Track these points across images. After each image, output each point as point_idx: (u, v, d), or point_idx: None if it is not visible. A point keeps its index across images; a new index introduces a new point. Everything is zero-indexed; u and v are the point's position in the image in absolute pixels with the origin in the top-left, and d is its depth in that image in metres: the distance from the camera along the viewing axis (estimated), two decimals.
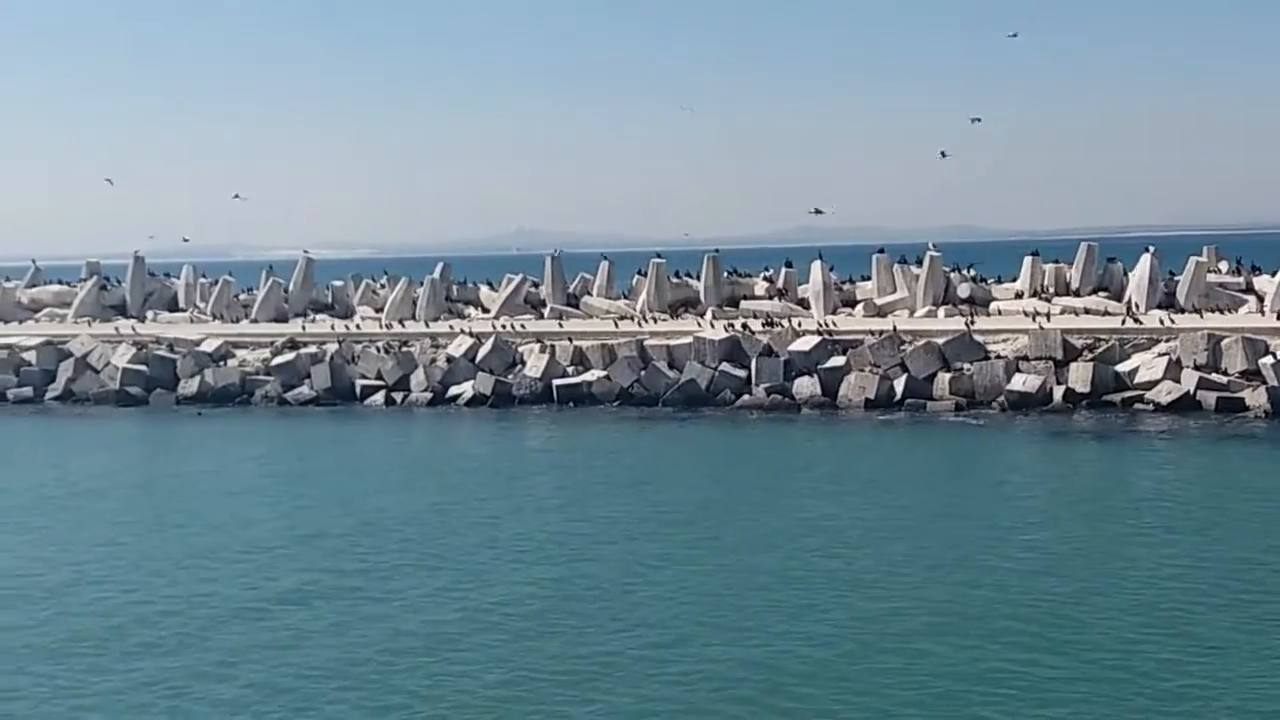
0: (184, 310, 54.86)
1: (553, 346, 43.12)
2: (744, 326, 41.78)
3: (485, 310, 50.45)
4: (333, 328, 48.07)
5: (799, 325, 41.30)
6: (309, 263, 54.54)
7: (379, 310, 51.75)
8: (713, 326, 43.04)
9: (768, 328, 41.63)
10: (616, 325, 44.32)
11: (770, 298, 47.02)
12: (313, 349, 45.82)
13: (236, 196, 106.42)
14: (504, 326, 45.04)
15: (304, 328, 48.39)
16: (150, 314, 54.36)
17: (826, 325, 41.09)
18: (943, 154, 57.52)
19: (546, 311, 48.72)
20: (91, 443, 38.12)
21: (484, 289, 52.41)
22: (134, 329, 49.87)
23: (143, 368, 46.41)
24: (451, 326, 46.16)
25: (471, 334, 44.49)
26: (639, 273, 50.28)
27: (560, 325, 45.25)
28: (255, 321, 51.98)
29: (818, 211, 57.78)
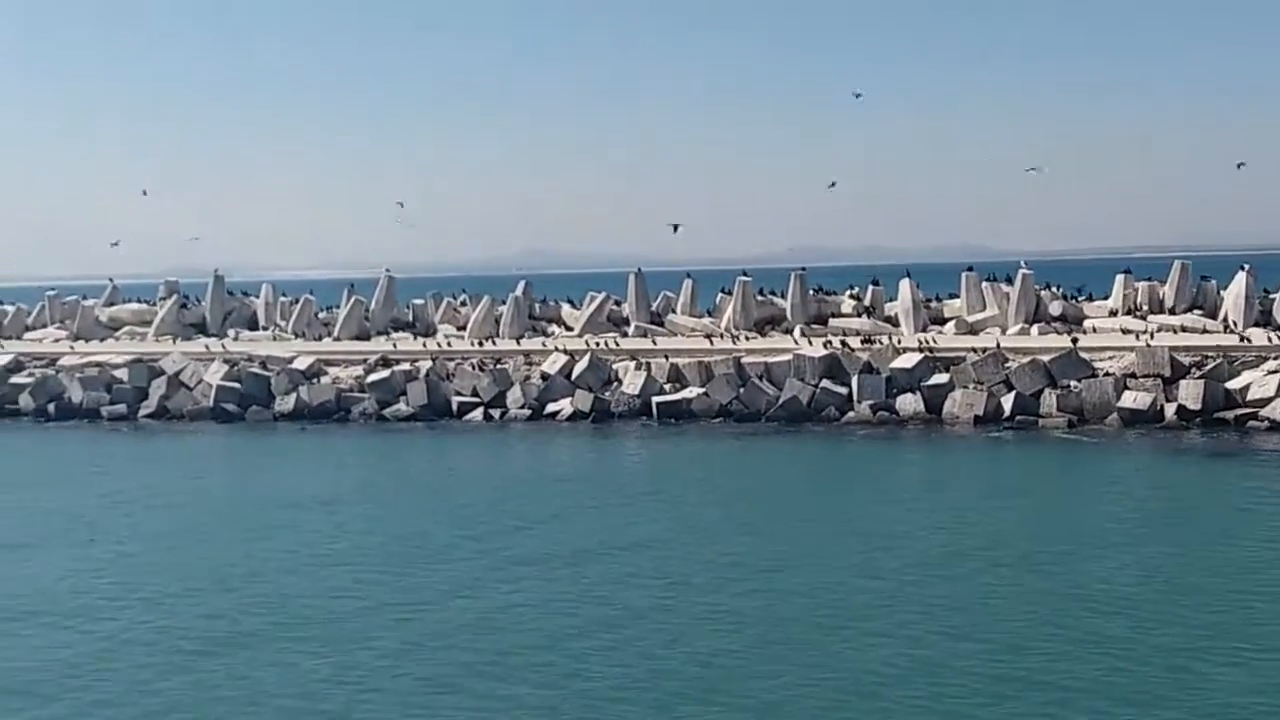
0: (264, 328, 55.28)
1: (648, 363, 43.45)
2: (842, 343, 42.04)
3: (568, 328, 50.84)
4: (424, 345, 48.44)
5: (899, 342, 41.54)
6: (390, 281, 54.97)
7: (461, 328, 52.18)
8: (802, 344, 43.26)
9: (866, 345, 41.89)
10: (712, 343, 44.63)
11: (858, 315, 47.29)
12: (405, 366, 46.24)
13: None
14: (598, 344, 45.34)
15: (395, 345, 48.74)
16: (232, 332, 54.79)
17: (927, 342, 41.32)
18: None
19: (631, 329, 49.02)
20: (235, 457, 38.75)
21: (565, 306, 52.72)
22: (223, 347, 50.31)
23: (236, 385, 46.80)
24: (545, 344, 46.49)
25: (566, 351, 44.82)
26: (722, 290, 50.61)
27: (653, 343, 45.55)
28: (338, 339, 52.37)
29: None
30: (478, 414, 43.34)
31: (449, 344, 48.27)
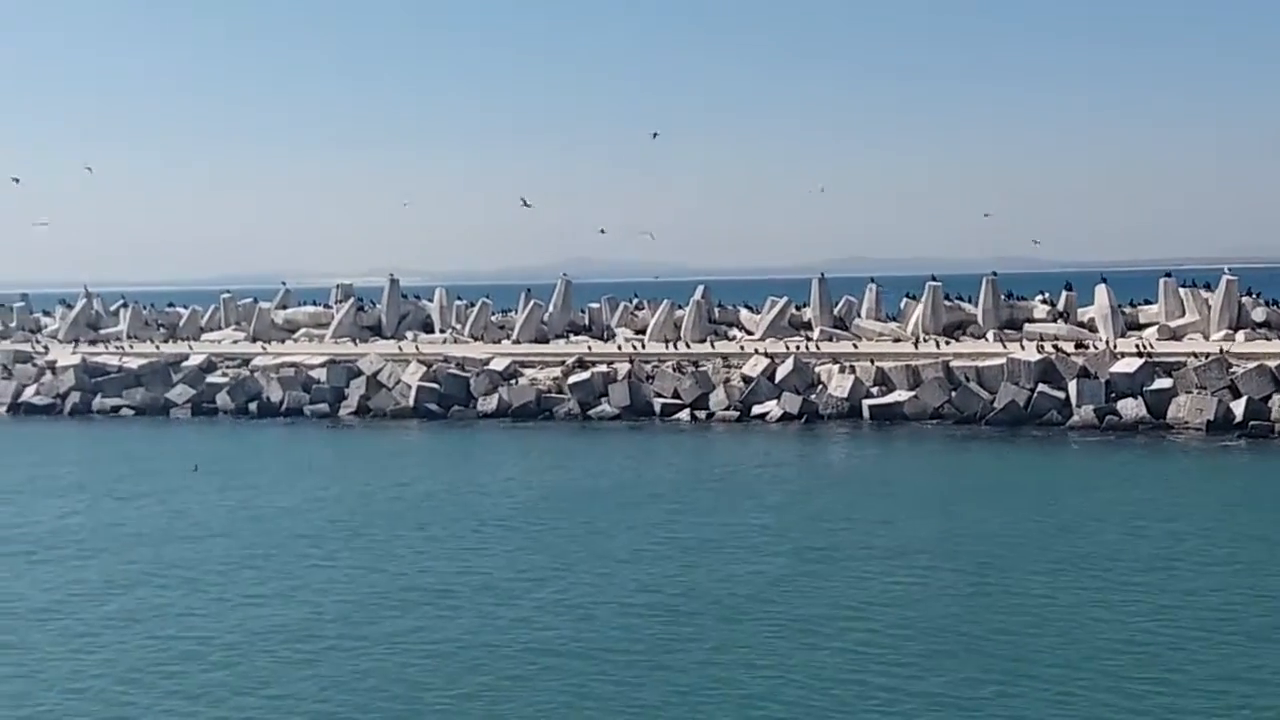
0: (440, 331, 56.16)
1: (852, 366, 43.76)
2: (1055, 348, 42.09)
3: (748, 332, 51.28)
4: (619, 348, 49.08)
5: (1115, 347, 41.54)
6: (568, 285, 55.75)
7: (639, 332, 52.83)
8: (1012, 348, 43.36)
9: (1080, 349, 41.92)
10: (916, 346, 44.85)
11: (1053, 320, 47.30)
12: (603, 368, 46.88)
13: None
14: (805, 348, 45.72)
15: (590, 348, 49.45)
16: (410, 334, 55.75)
17: (1147, 347, 41.27)
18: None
19: (816, 334, 49.34)
20: (477, 455, 39.13)
21: (744, 311, 53.15)
22: (417, 349, 51.25)
23: (435, 385, 47.68)
24: (742, 347, 46.94)
25: (767, 354, 45.24)
26: (907, 295, 50.85)
27: (855, 346, 45.86)
28: (517, 342, 53.14)
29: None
30: (683, 415, 43.85)
31: (643, 346, 48.80)
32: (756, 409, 43.28)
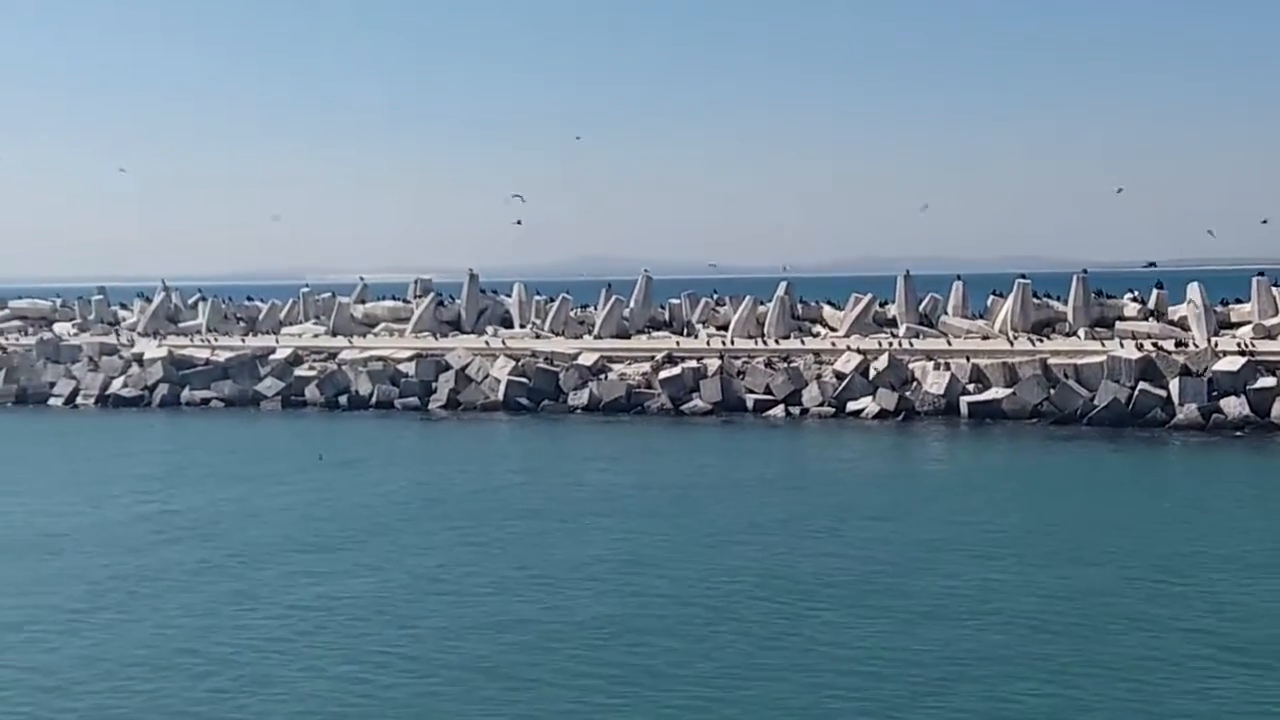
0: (520, 327, 56.37)
1: (947, 363, 43.75)
2: (1155, 345, 41.96)
3: (831, 328, 51.28)
4: (707, 343, 49.22)
5: (1216, 346, 41.37)
6: (649, 281, 55.90)
7: (720, 328, 52.91)
8: (1111, 345, 43.22)
9: (1180, 348, 41.77)
10: (1012, 344, 44.76)
11: (1144, 318, 47.09)
12: (693, 363, 47.04)
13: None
14: (898, 344, 45.74)
15: (678, 343, 49.63)
16: (490, 329, 56.01)
17: (1248, 345, 41.09)
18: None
19: (902, 330, 49.30)
20: (580, 449, 39.33)
21: (827, 308, 53.13)
22: (504, 343, 51.55)
23: (524, 379, 47.99)
24: (834, 344, 46.99)
25: (859, 351, 45.28)
26: (994, 293, 50.73)
27: (949, 343, 45.82)
28: (598, 337, 53.31)
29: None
30: (777, 411, 43.97)
31: (730, 343, 48.88)
32: (851, 405, 43.36)
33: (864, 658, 17.70)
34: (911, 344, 45.96)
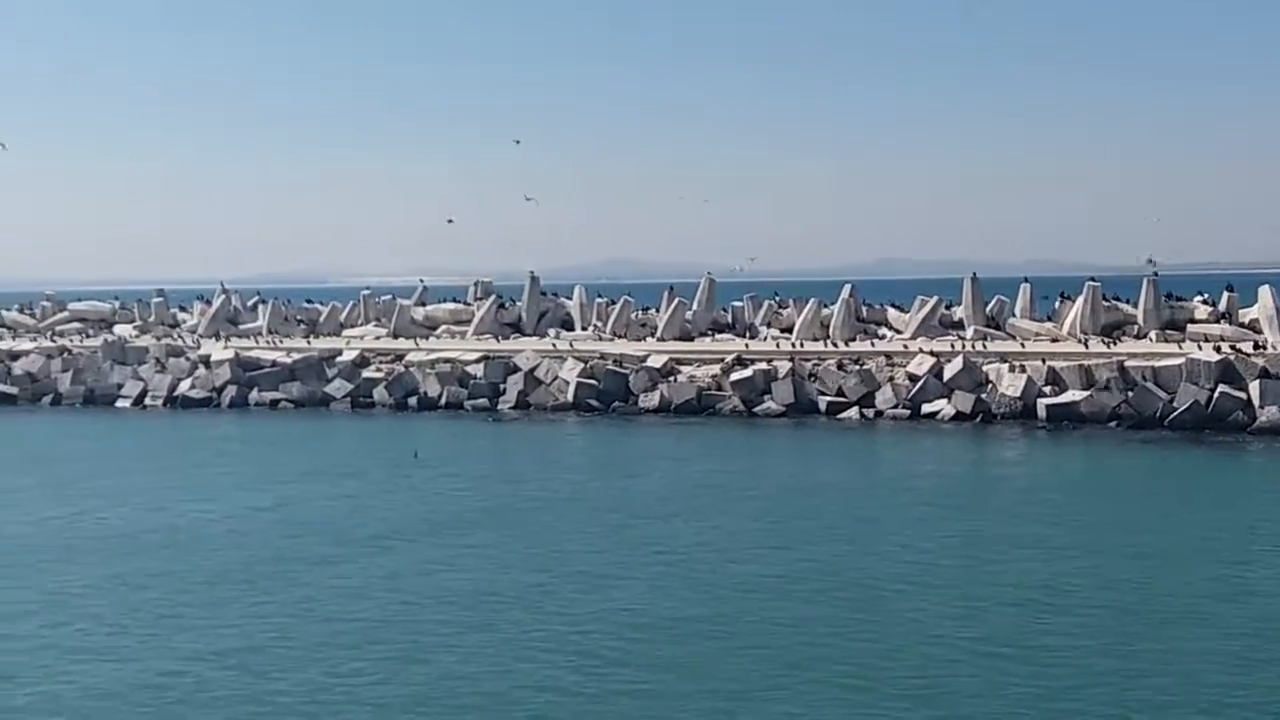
0: (582, 329, 56.53)
1: (1022, 365, 43.70)
2: (1233, 348, 41.82)
3: (896, 330, 51.29)
4: (777, 346, 49.27)
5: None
6: (711, 283, 56.01)
7: (784, 330, 52.99)
8: (1189, 348, 43.11)
9: (1258, 350, 41.64)
10: (1087, 346, 44.67)
11: (1215, 321, 46.94)
12: (763, 365, 47.12)
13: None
14: (970, 346, 45.71)
15: (747, 345, 49.69)
16: (553, 331, 56.21)
17: None
18: None
19: (970, 333, 49.25)
20: (666, 449, 39.35)
21: (891, 310, 53.16)
22: (571, 345, 51.74)
23: (593, 382, 48.15)
24: (905, 346, 46.98)
25: (932, 353, 45.28)
26: (1061, 295, 50.68)
27: (1023, 345, 45.76)
28: (661, 340, 53.43)
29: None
30: (851, 413, 44.00)
31: (799, 345, 48.91)
32: (926, 407, 43.36)
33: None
34: (985, 346, 45.91)
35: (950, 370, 44.04)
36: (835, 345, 48.70)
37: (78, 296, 71.84)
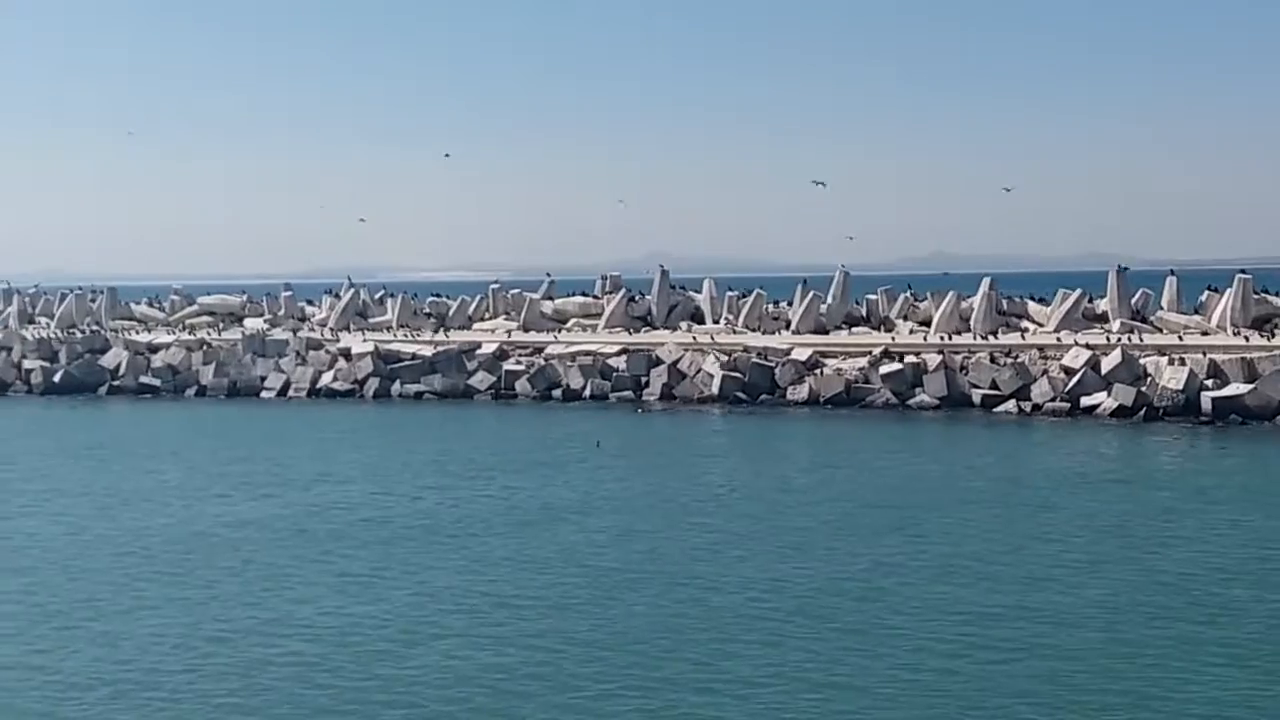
0: (714, 322, 56.66)
1: (1182, 358, 43.23)
2: None
3: (1037, 324, 50.93)
4: (924, 339, 49.15)
5: None
6: (846, 277, 55.95)
7: (922, 324, 52.82)
8: None
9: None
10: (1247, 339, 44.14)
11: None
12: (911, 358, 47.02)
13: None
14: (1126, 339, 45.31)
15: (894, 338, 49.63)
16: (685, 325, 56.40)
17: None
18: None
19: (1115, 326, 48.76)
20: (835, 443, 39.26)
21: (1032, 304, 52.83)
22: (712, 338, 51.93)
23: (738, 374, 48.29)
24: (1059, 338, 46.64)
25: (1088, 346, 44.93)
26: (1209, 288, 50.13)
27: (1180, 338, 45.30)
28: (797, 333, 53.44)
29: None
30: (1007, 406, 43.77)
31: (950, 337, 48.74)
32: (1085, 401, 43.02)
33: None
34: (1142, 339, 45.47)
35: (1108, 363, 43.64)
36: (980, 338, 48.52)
37: (143, 292, 72.88)
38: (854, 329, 53.72)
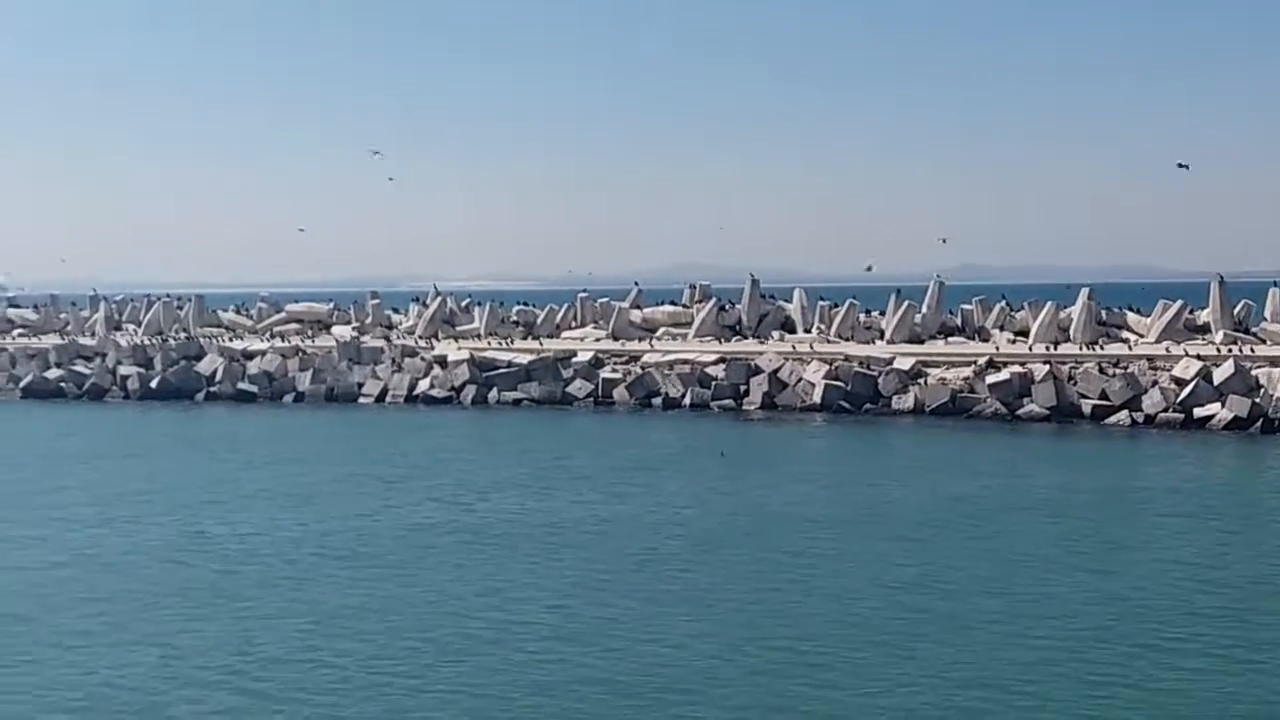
0: (805, 331, 56.63)
1: None
2: None
3: (1137, 334, 50.65)
4: (1029, 349, 48.99)
5: None
6: (941, 286, 55.87)
7: (1017, 334, 52.66)
8: None
9: None
10: None
11: None
12: (1016, 368, 46.88)
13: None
14: (1228, 350, 45.04)
15: (997, 348, 49.52)
16: (777, 334, 56.45)
17: None
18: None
19: (1219, 337, 48.43)
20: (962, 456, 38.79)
21: (1131, 314, 52.52)
22: (811, 347, 51.97)
23: (840, 383, 48.30)
24: (1167, 349, 46.39)
25: (1199, 357, 44.66)
26: None
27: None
28: (892, 342, 53.36)
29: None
30: (1119, 417, 43.54)
31: (1053, 348, 48.56)
32: (1198, 412, 42.74)
33: None
34: (1254, 350, 45.16)
35: (1220, 374, 43.35)
36: (1084, 348, 48.32)
37: (177, 300, 73.47)
38: (949, 339, 53.65)
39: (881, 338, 54.04)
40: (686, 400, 50.25)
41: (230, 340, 63.68)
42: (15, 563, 24.90)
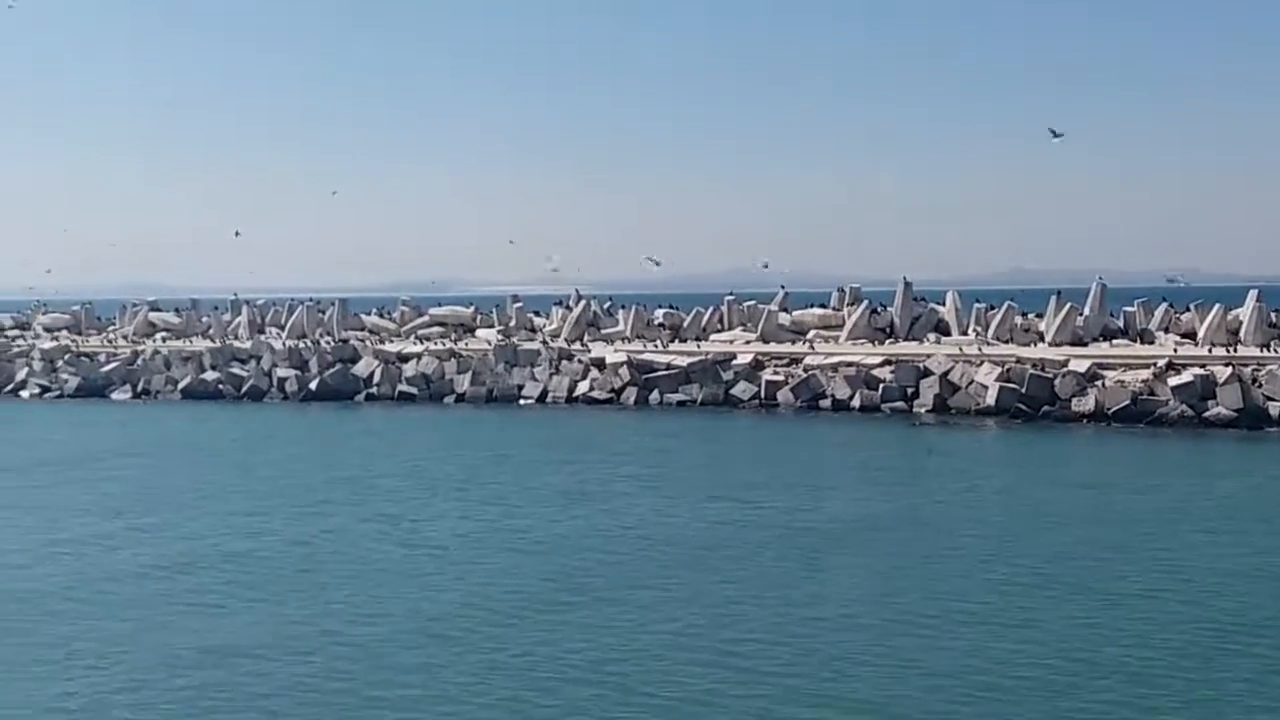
0: (961, 334, 56.35)
1: None
2: None
3: None
4: (1209, 350, 48.41)
5: None
6: (1103, 288, 55.37)
7: (1184, 336, 52.05)
8: None
9: None
10: None
11: None
12: (1197, 370, 46.36)
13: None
14: None
15: (1175, 350, 48.99)
16: (933, 337, 56.25)
17: None
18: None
19: None
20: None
21: None
22: (979, 349, 51.76)
23: (1014, 386, 48.03)
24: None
25: None
26: None
27: None
28: (1054, 345, 52.96)
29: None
30: None
31: (1233, 349, 47.99)
32: None
33: None
34: None
35: None
36: (1262, 351, 47.68)
37: (213, 304, 74.34)
38: (1113, 341, 53.15)
39: (1041, 340, 53.78)
40: (855, 403, 50.24)
41: (381, 343, 64.62)
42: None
